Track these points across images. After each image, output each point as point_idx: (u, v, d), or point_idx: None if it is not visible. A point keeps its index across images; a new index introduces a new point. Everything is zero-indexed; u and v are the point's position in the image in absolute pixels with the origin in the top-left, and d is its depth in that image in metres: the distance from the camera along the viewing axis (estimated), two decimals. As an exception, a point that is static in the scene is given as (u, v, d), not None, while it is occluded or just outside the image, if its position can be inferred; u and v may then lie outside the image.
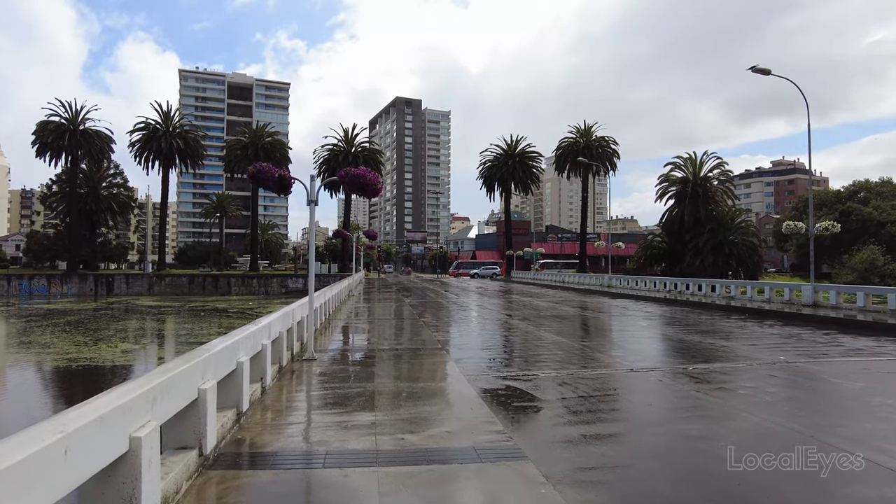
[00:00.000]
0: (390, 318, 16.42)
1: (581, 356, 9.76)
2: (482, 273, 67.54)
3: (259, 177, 7.56)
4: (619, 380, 7.87)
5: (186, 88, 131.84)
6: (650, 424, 5.76)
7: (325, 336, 11.60)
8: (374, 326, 14.05)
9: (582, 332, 14.44)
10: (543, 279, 47.43)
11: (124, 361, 15.44)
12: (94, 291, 51.64)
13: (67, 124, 51.90)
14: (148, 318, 31.70)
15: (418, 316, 16.95)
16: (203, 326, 28.32)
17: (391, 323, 15.16)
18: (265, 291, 53.26)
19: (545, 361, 9.18)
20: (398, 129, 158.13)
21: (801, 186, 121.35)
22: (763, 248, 58.68)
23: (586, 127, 59.10)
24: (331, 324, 13.88)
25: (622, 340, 12.93)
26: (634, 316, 17.83)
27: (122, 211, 62.58)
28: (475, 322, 16.29)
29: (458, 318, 17.53)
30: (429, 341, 10.86)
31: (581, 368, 8.50)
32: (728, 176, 55.22)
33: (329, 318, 14.72)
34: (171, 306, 39.96)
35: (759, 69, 18.55)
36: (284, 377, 7.22)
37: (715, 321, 15.78)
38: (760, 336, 12.63)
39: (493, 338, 12.83)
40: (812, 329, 13.82)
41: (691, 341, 11.70)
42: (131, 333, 22.45)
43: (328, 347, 9.89)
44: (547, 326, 14.75)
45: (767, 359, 9.48)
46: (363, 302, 22.95)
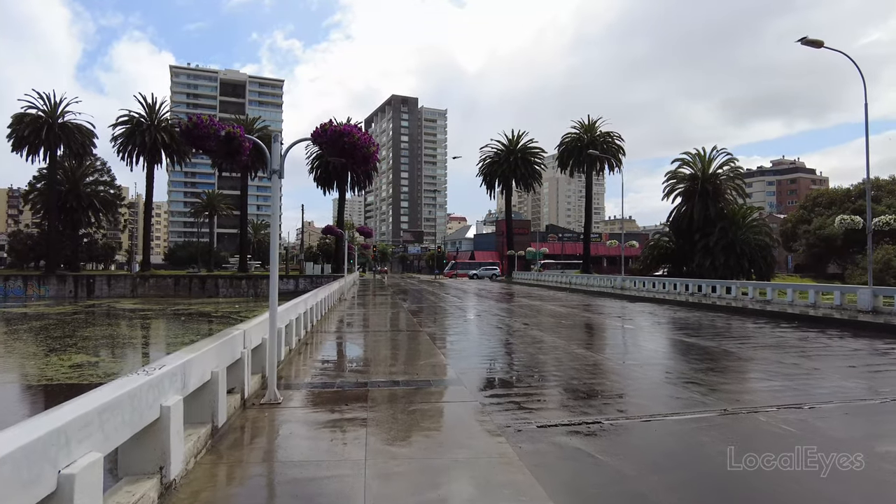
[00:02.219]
0: (386, 331, 13.87)
1: (653, 384, 7.35)
2: (481, 274, 65.09)
3: (194, 134, 5.10)
4: (767, 439, 5.43)
5: (178, 85, 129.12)
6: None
7: (302, 359, 9.10)
8: (368, 343, 11.50)
9: (631, 347, 12.02)
10: (548, 280, 45.05)
11: (65, 379, 12.91)
12: (73, 293, 48.87)
13: (46, 117, 49.05)
14: (122, 323, 29.08)
15: (419, 326, 14.48)
16: (179, 333, 25.78)
17: (388, 337, 12.38)
18: (254, 293, 50.58)
19: (608, 396, 6.76)
20: (394, 128, 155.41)
21: (803, 186, 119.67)
22: (776, 247, 56.36)
23: (590, 122, 56.76)
24: (314, 338, 11.40)
25: (713, 360, 9.90)
26: (670, 324, 15.43)
27: (106, 209, 59.69)
28: (489, 335, 13.38)
29: (468, 331, 14.80)
30: (438, 368, 8.36)
31: (672, 410, 6.08)
32: (738, 173, 52.96)
33: (313, 329, 12.25)
34: (152, 309, 37.32)
35: (810, 41, 16.23)
36: (222, 444, 4.57)
37: (777, 332, 13.41)
38: (866, 357, 10.22)
39: (518, 358, 10.16)
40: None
41: (802, 366, 9.30)
42: (94, 343, 19.88)
43: (302, 380, 7.33)
44: (579, 340, 12.34)
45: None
46: (357, 307, 20.46)
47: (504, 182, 58.93)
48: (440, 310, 20.97)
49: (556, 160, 59.14)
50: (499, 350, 11.10)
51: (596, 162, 56.17)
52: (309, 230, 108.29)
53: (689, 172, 52.15)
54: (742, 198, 53.43)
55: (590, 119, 56.84)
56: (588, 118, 56.81)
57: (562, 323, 15.76)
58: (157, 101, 52.99)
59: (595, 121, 56.75)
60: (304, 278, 52.08)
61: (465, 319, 17.57)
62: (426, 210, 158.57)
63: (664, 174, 54.12)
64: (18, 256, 59.77)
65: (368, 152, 5.26)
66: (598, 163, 56.39)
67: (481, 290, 37.16)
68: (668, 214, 53.92)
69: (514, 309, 20.37)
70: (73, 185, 54.24)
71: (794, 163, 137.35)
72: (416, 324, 14.73)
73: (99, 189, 59.11)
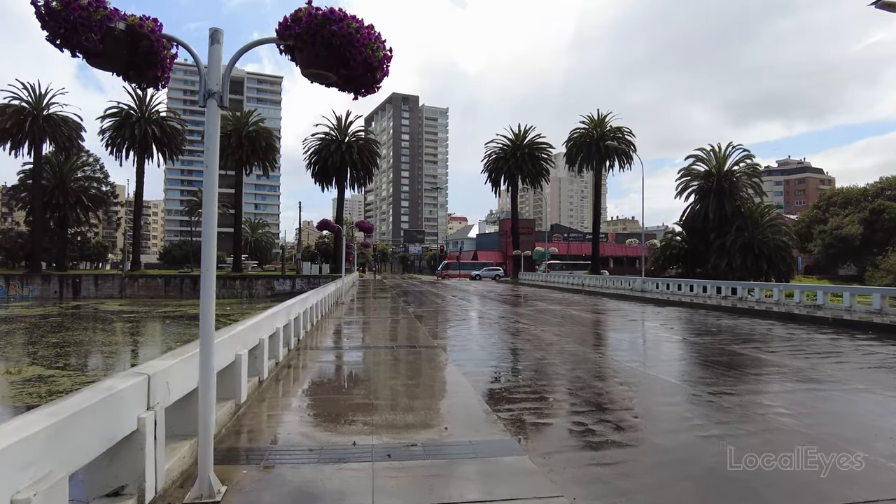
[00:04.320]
0: (392, 347, 11.49)
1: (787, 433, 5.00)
2: (484, 274, 62.69)
3: (62, 19, 2.80)
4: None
5: (174, 81, 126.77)
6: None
7: (279, 393, 6.72)
8: (368, 372, 8.15)
9: (717, 369, 9.67)
10: (557, 282, 42.71)
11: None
12: (58, 294, 46.50)
13: (30, 109, 46.64)
14: (99, 327, 26.70)
15: (431, 338, 12.13)
16: (159, 339, 23.49)
17: (395, 359, 9.17)
18: (249, 294, 48.24)
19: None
20: (394, 126, 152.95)
21: (811, 186, 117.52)
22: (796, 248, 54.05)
23: (600, 117, 54.46)
24: (298, 361, 9.01)
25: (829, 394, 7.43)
26: (720, 332, 13.10)
27: (96, 206, 57.26)
28: (526, 356, 9.84)
29: (500, 347, 11.35)
30: (472, 410, 6.01)
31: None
32: (755, 170, 50.73)
33: (298, 345, 9.90)
34: (137, 312, 34.96)
35: (885, 3, 13.89)
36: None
37: (868, 346, 11.09)
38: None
39: (584, 394, 7.81)
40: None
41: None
42: (58, 352, 17.54)
43: (267, 439, 4.76)
44: (626, 352, 10.00)
45: None
46: (356, 313, 18.11)
47: (510, 179, 56.58)
48: (448, 315, 18.64)
49: (564, 157, 56.84)
50: (547, 373, 8.75)
51: (606, 159, 53.90)
52: (307, 229, 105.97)
53: (704, 169, 49.92)
54: (759, 196, 51.17)
55: (599, 113, 54.61)
56: (598, 112, 54.60)
57: (600, 327, 13.44)
58: (146, 92, 50.51)
59: (605, 115, 54.52)
60: (301, 279, 49.74)
61: (487, 328, 15.20)
62: (427, 210, 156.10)
63: (677, 171, 51.93)
64: (8, 255, 57.37)
65: (375, 56, 2.95)
66: (609, 159, 54.12)
67: (489, 291, 34.80)
68: (681, 213, 51.70)
69: (536, 315, 18.02)
70: (59, 180, 51.83)
71: (800, 162, 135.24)
72: (428, 335, 12.35)
73: (88, 185, 56.64)
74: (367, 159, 53.13)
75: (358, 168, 52.47)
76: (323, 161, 51.51)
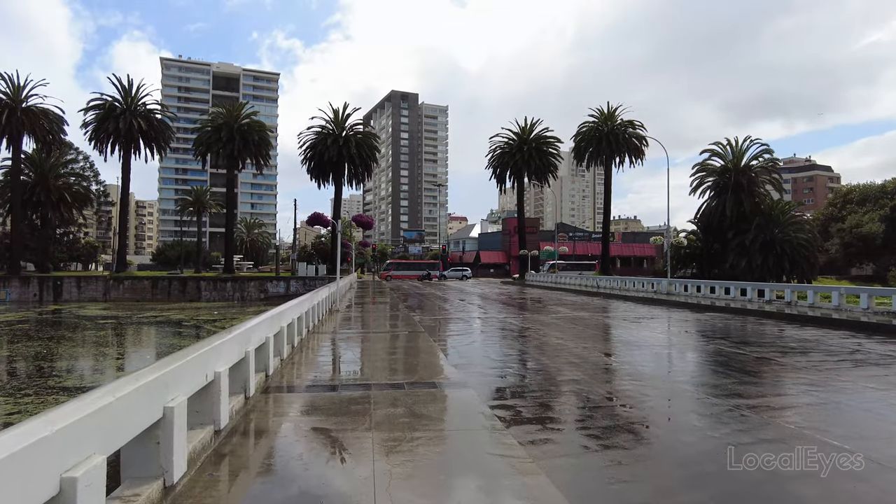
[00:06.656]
0: (392, 370, 8.84)
1: None
2: (449, 275, 61.75)
3: None
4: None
5: (169, 78, 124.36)
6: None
7: (240, 455, 4.08)
8: (371, 413, 5.32)
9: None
10: (568, 283, 40.10)
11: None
12: (38, 297, 43.79)
13: (8, 100, 43.92)
14: (68, 335, 23.97)
15: (441, 353, 9.51)
16: (132, 351, 20.91)
17: (407, 412, 5.34)
18: (241, 297, 45.55)
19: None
20: (393, 125, 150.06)
21: (820, 184, 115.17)
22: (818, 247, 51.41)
23: (609, 110, 51.85)
24: (254, 423, 6.35)
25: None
26: (806, 345, 10.48)
27: (80, 204, 54.49)
28: (634, 414, 7.05)
29: (564, 383, 8.73)
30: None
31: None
32: (774, 165, 48.10)
33: (267, 383, 7.25)
34: (118, 316, 32.28)
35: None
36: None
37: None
38: None
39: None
40: None
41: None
42: (6, 368, 14.87)
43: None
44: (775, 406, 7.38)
45: None
46: (352, 324, 15.45)
47: (516, 175, 53.88)
48: (462, 326, 16.01)
49: (572, 152, 54.27)
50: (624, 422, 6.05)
51: (616, 154, 51.32)
52: (304, 229, 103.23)
53: (720, 165, 47.39)
54: (779, 192, 48.53)
55: (609, 106, 51.98)
56: (608, 105, 52.00)
57: (679, 346, 10.80)
58: (133, 84, 47.84)
59: (615, 109, 51.89)
60: (296, 280, 47.06)
61: (512, 349, 12.55)
62: (427, 209, 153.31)
63: (691, 167, 49.20)
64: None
65: None
66: (619, 155, 51.53)
67: (500, 294, 32.17)
68: (695, 211, 49.15)
69: (561, 324, 15.40)
70: (40, 177, 49.09)
71: (807, 160, 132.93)
72: (448, 363, 9.57)
73: (72, 182, 53.88)
74: (366, 154, 50.38)
75: (356, 163, 49.76)
76: (319, 156, 48.77)
